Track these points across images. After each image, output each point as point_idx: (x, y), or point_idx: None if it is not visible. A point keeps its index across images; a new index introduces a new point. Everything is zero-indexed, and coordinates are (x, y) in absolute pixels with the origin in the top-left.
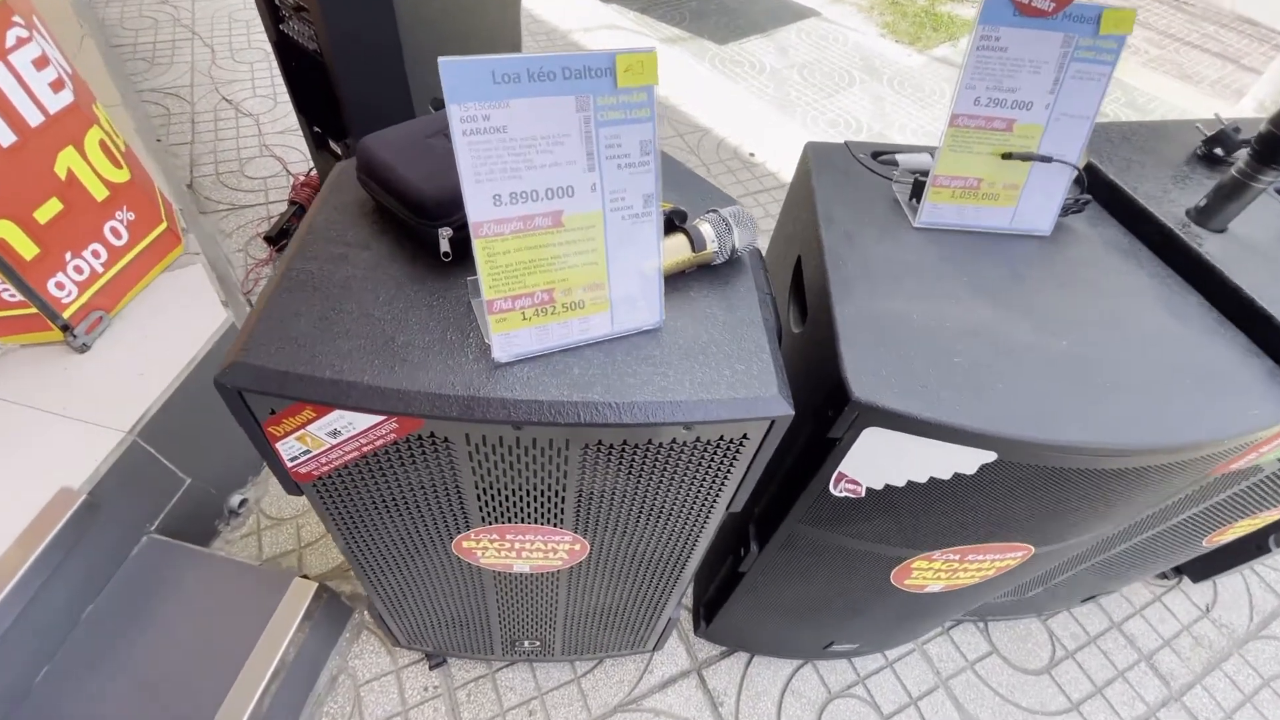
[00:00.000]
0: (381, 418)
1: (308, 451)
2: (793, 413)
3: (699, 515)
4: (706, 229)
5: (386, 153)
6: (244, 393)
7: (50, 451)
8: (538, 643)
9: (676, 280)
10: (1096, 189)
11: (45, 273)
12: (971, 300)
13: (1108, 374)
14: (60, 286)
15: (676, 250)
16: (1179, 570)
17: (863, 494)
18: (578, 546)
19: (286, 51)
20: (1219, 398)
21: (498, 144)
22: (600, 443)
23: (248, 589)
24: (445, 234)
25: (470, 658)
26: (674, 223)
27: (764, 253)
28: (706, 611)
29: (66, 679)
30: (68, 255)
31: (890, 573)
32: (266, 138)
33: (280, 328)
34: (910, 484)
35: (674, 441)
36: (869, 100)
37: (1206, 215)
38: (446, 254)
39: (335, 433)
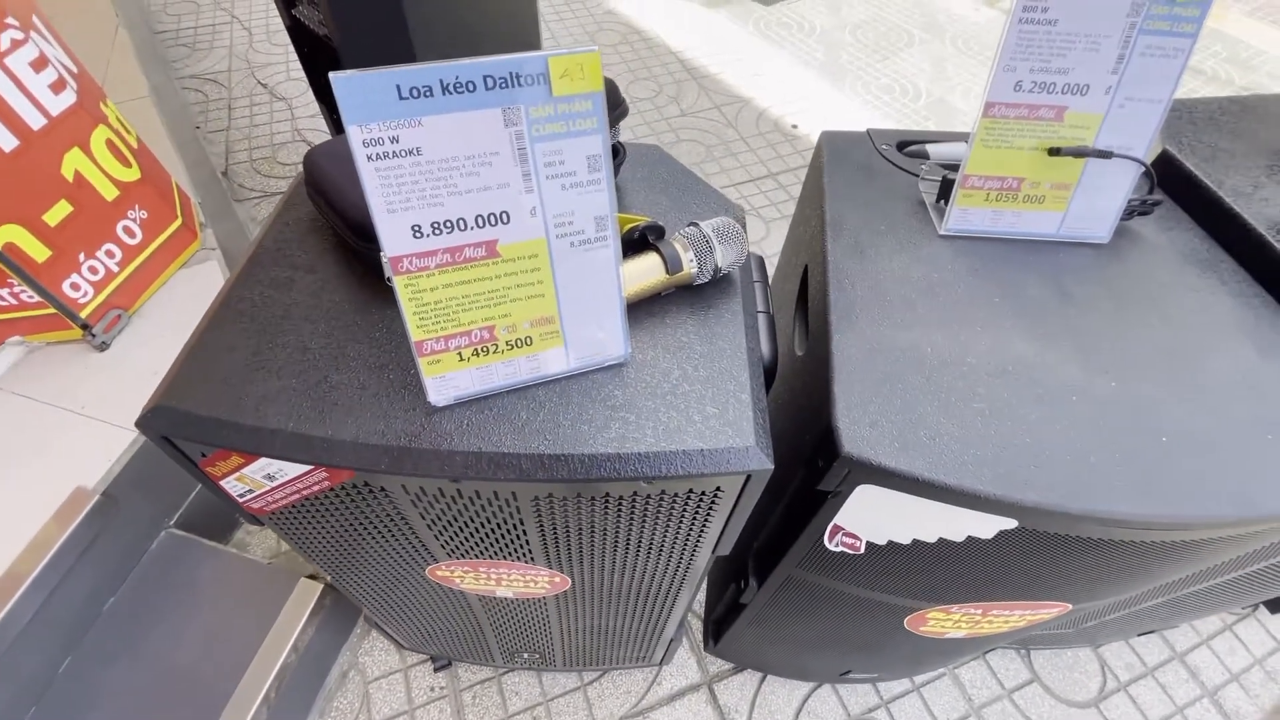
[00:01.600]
0: (309, 467)
1: (251, 491)
2: (771, 467)
3: (680, 560)
4: (684, 247)
5: (331, 165)
6: (169, 438)
7: (69, 450)
8: (537, 655)
9: (652, 304)
10: (1172, 184)
11: (59, 274)
12: (1003, 327)
13: (1168, 423)
14: (76, 287)
15: (648, 272)
16: None
17: (862, 550)
18: (557, 579)
19: (300, 36)
20: None
21: (411, 168)
22: (551, 495)
23: (258, 587)
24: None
25: (473, 663)
26: (647, 240)
27: (783, 245)
28: (715, 630)
29: (88, 670)
30: (81, 256)
31: (903, 619)
32: (299, 122)
33: (210, 365)
34: (917, 542)
35: (635, 495)
36: (929, 63)
37: None
38: (390, 279)
39: (270, 476)
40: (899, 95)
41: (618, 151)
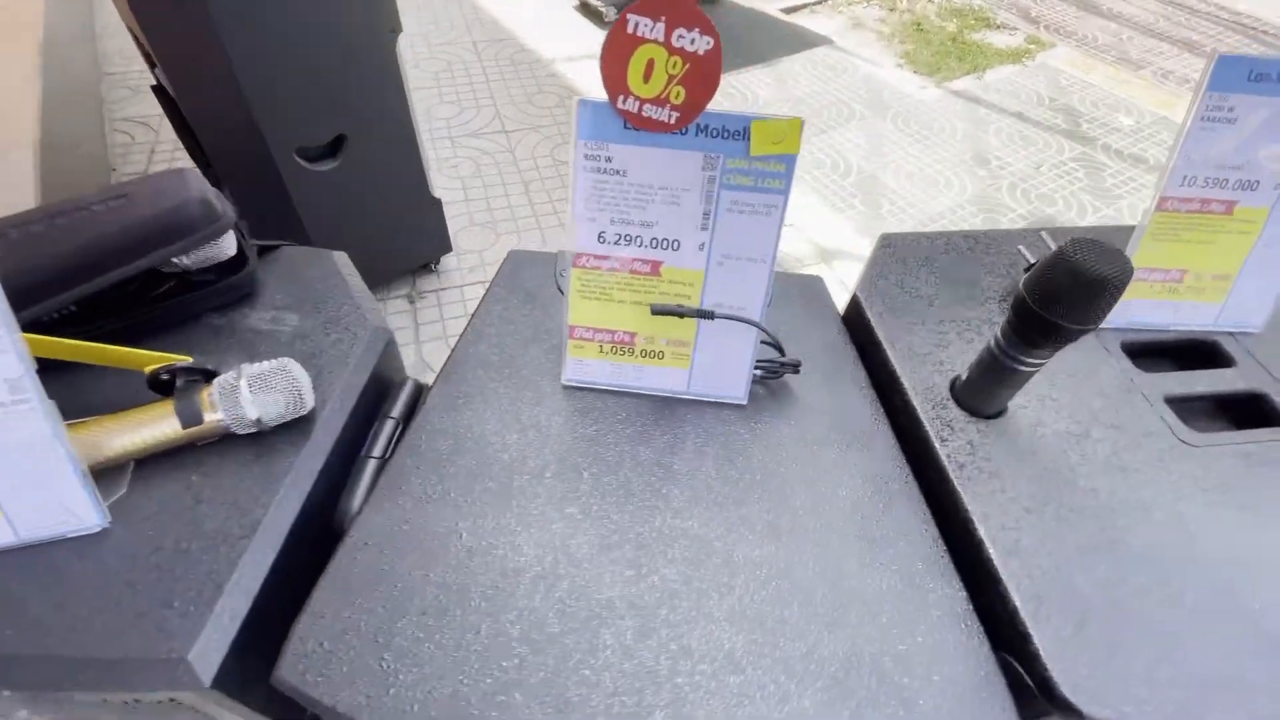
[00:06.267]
0: None
1: None
2: (207, 687)
3: None
4: (210, 395)
5: None
6: None
7: None
8: None
9: (206, 451)
10: (859, 333)
11: None
12: (565, 512)
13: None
14: None
15: (156, 423)
16: None
17: None
18: None
19: (163, 98)
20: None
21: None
22: None
23: None
24: None
25: None
26: (170, 385)
27: None
28: None
29: None
30: None
31: None
32: None
33: None
34: None
35: None
36: (866, 138)
37: (971, 394)
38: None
39: None
40: (829, 170)
41: (244, 261)
